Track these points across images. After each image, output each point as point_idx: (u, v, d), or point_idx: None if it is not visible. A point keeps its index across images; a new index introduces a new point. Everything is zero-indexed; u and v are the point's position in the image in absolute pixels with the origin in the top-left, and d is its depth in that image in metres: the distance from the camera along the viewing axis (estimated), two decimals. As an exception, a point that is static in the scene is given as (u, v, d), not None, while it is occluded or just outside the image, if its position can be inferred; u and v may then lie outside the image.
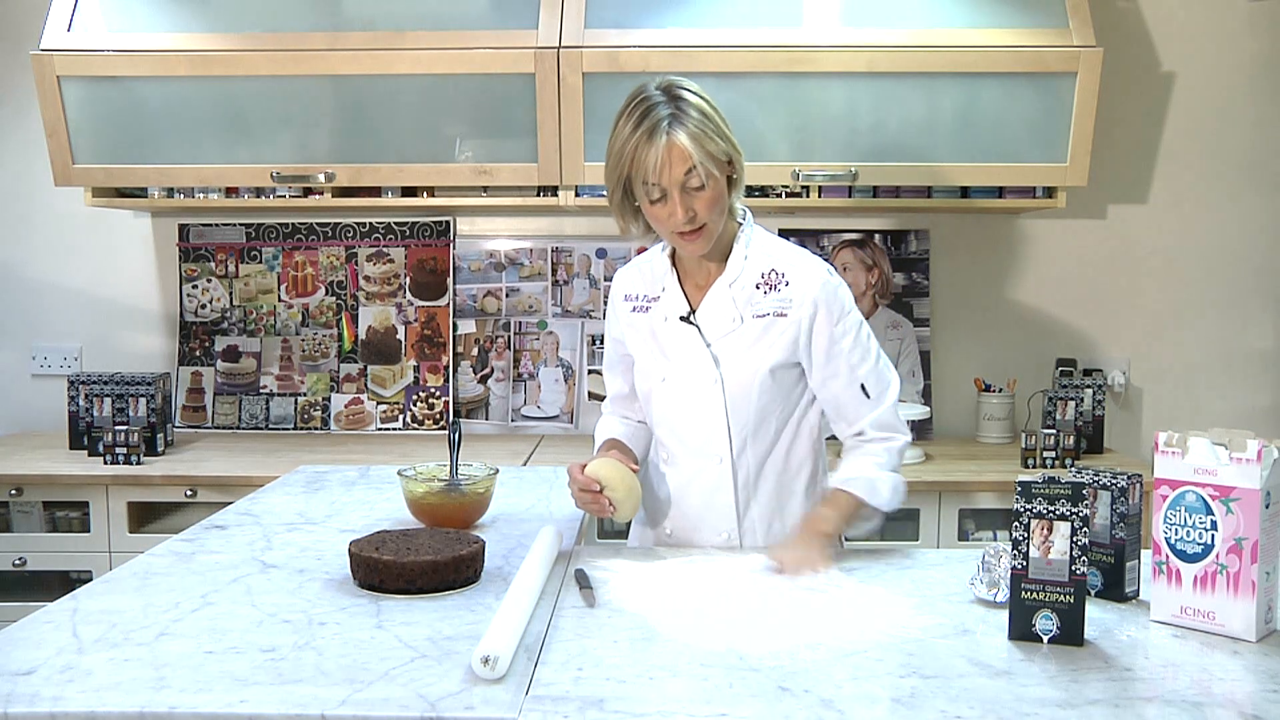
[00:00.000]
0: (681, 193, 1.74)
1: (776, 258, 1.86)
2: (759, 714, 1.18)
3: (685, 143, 1.71)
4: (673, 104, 1.73)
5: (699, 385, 1.85)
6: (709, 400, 1.85)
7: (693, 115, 1.73)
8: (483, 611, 1.48)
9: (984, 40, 2.87)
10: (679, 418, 1.89)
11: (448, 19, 2.95)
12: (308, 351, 3.41)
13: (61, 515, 2.94)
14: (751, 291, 1.85)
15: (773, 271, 1.85)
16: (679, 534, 1.93)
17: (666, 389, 1.88)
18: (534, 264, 3.40)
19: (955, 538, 2.79)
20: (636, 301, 1.94)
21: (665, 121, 1.71)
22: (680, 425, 1.89)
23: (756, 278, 1.85)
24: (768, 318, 1.83)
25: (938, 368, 3.36)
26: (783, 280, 1.84)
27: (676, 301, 1.88)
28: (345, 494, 2.20)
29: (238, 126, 2.97)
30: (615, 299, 1.98)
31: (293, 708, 1.17)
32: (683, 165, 1.72)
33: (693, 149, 1.71)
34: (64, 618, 1.44)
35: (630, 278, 1.97)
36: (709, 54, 2.83)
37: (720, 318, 1.85)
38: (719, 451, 1.87)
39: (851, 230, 3.34)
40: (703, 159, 1.72)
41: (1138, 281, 3.34)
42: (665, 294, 1.90)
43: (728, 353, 1.84)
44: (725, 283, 1.85)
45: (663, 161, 1.71)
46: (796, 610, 1.52)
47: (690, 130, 1.72)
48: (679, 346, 1.87)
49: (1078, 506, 1.36)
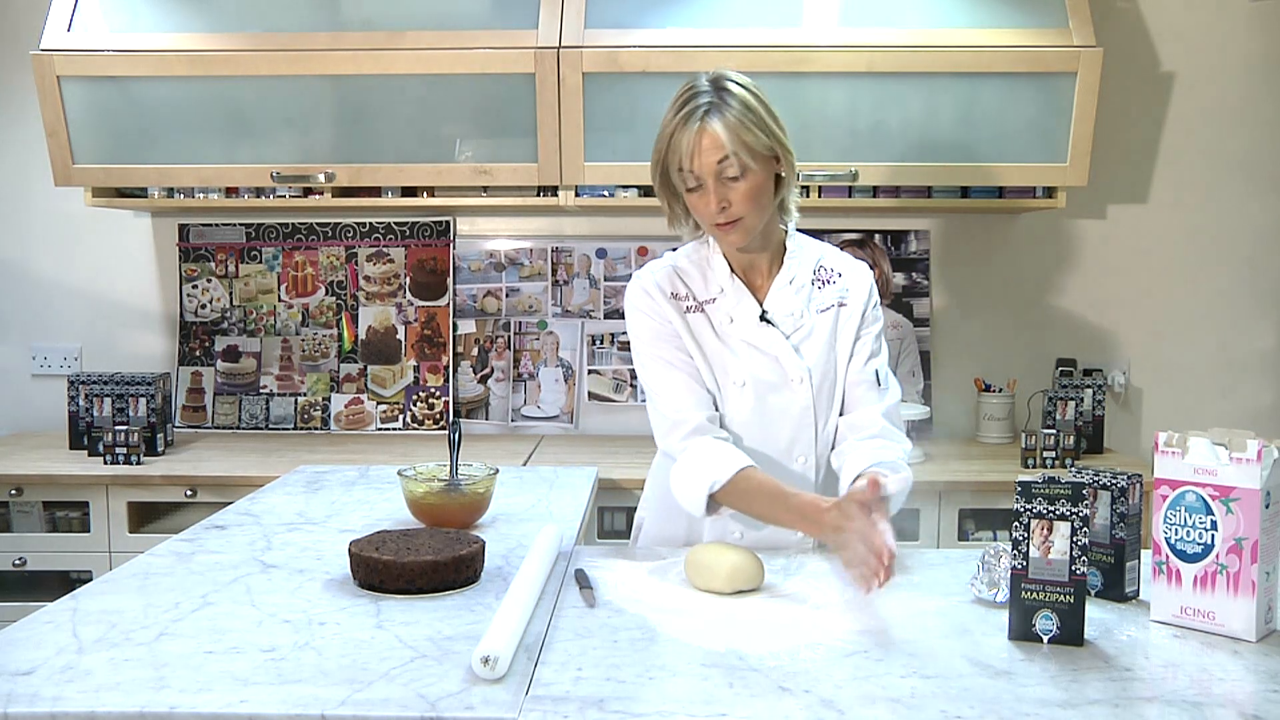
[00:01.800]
0: (717, 182, 1.72)
1: (823, 254, 1.91)
2: (759, 714, 1.18)
3: (719, 130, 1.70)
4: (716, 94, 1.73)
5: (784, 384, 1.82)
6: (797, 400, 1.82)
7: (733, 106, 1.72)
8: (483, 611, 1.48)
9: (984, 40, 2.87)
10: (763, 420, 1.82)
11: (447, 19, 2.95)
12: (308, 351, 3.41)
13: (61, 515, 2.94)
14: (810, 288, 1.86)
15: (823, 267, 1.88)
16: (752, 534, 1.84)
17: (746, 394, 1.82)
18: (534, 264, 3.40)
19: (955, 538, 2.79)
20: (687, 300, 1.85)
21: (703, 109, 1.71)
22: (764, 428, 1.82)
23: (810, 274, 1.87)
24: (831, 310, 1.86)
25: (938, 368, 3.36)
26: (835, 274, 1.88)
27: (746, 302, 1.83)
28: (345, 494, 2.20)
29: (238, 126, 2.97)
30: (656, 298, 1.84)
31: (293, 708, 1.17)
32: (716, 153, 1.70)
33: (727, 137, 1.70)
34: (64, 618, 1.44)
35: (671, 276, 1.86)
36: (709, 54, 2.83)
37: (789, 313, 1.83)
38: (804, 451, 1.84)
39: (851, 230, 3.34)
40: (737, 148, 1.70)
41: (1138, 281, 3.34)
42: (725, 295, 1.84)
43: (808, 348, 1.83)
44: (786, 280, 1.84)
45: (695, 148, 1.71)
46: (796, 610, 1.52)
47: (727, 119, 1.71)
48: (756, 348, 1.82)
49: (1078, 506, 1.36)
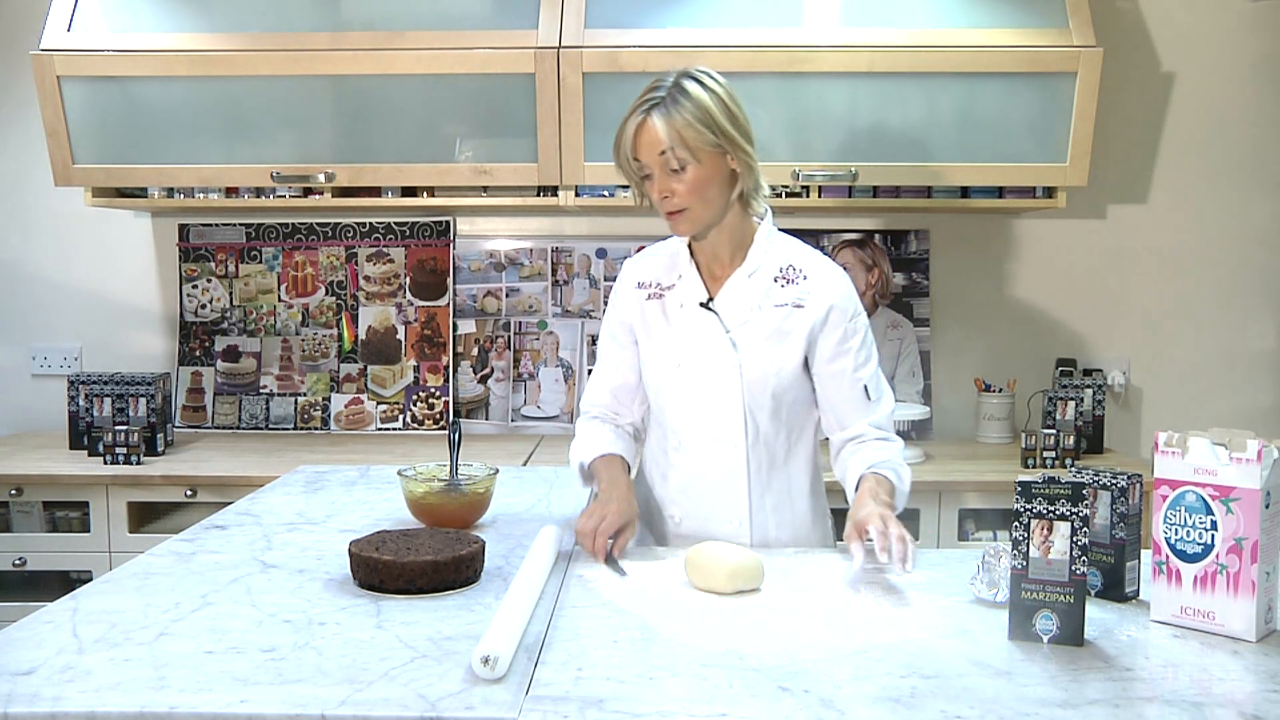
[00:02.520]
0: (662, 173, 1.79)
1: (795, 255, 1.91)
2: (759, 714, 1.18)
3: (658, 124, 1.77)
4: (672, 90, 1.79)
5: (717, 371, 1.86)
6: (727, 386, 1.86)
7: (684, 103, 1.77)
8: (482, 611, 1.48)
9: (984, 40, 2.87)
10: (695, 403, 1.89)
11: (448, 19, 2.95)
12: (308, 351, 3.41)
13: (61, 515, 2.94)
14: (770, 284, 1.88)
15: (790, 267, 1.89)
16: (689, 522, 1.93)
17: (682, 375, 1.89)
18: (534, 264, 3.40)
19: (955, 538, 2.79)
20: (650, 288, 1.94)
21: (650, 103, 1.78)
22: (696, 411, 1.89)
23: (775, 271, 1.89)
24: (786, 308, 1.87)
25: (938, 368, 3.36)
26: (801, 275, 1.89)
27: (695, 288, 1.90)
28: (345, 494, 2.20)
29: (238, 126, 2.98)
30: (626, 284, 1.97)
31: (293, 708, 1.17)
32: (655, 147, 1.78)
33: (664, 132, 1.76)
34: (64, 618, 1.44)
35: (644, 265, 1.98)
36: (709, 54, 2.83)
37: (739, 306, 1.87)
38: (734, 437, 1.88)
39: (851, 230, 3.34)
40: (674, 143, 1.76)
41: (1138, 281, 3.34)
42: (682, 281, 1.91)
43: (746, 340, 1.86)
44: (745, 273, 1.88)
45: (635, 140, 1.79)
46: (796, 610, 1.52)
47: (670, 115, 1.76)
48: (696, 333, 1.88)
49: (1078, 506, 1.36)
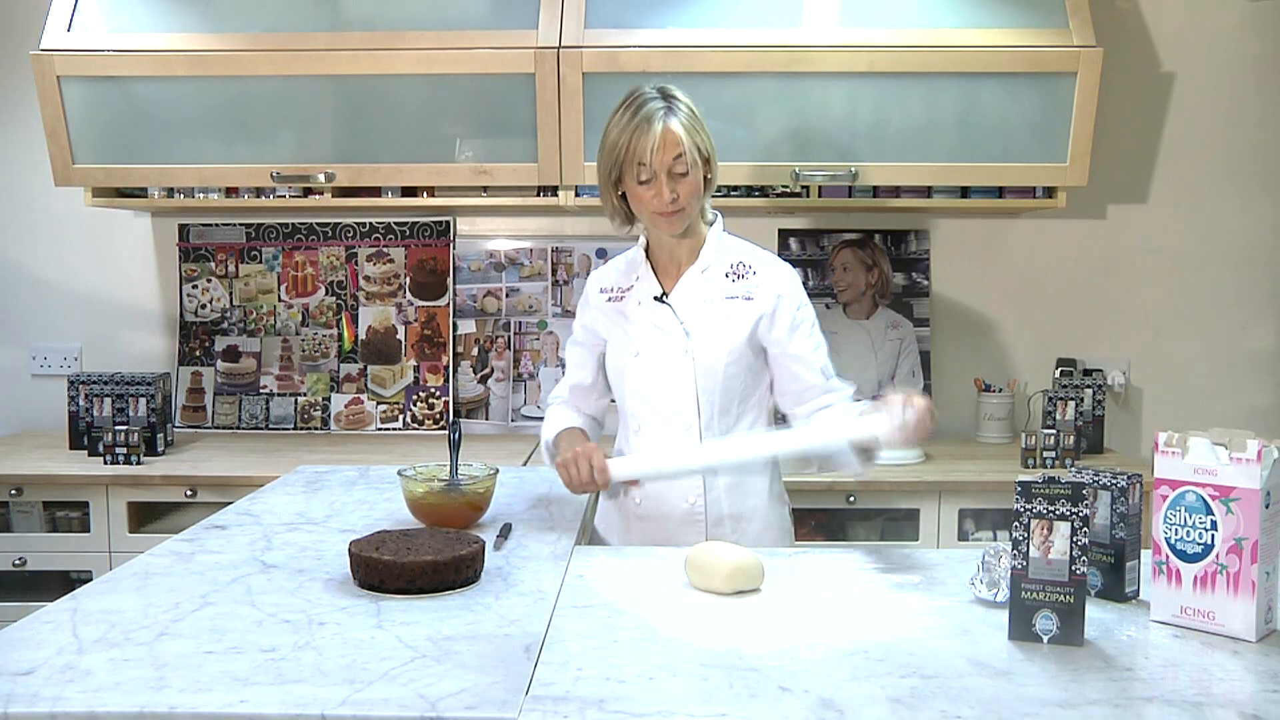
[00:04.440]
0: (668, 177, 1.94)
1: (745, 253, 2.07)
2: (759, 714, 1.18)
3: (679, 130, 1.93)
4: (666, 101, 1.96)
5: (671, 357, 2.01)
6: (680, 371, 2.00)
7: (684, 110, 1.97)
8: (482, 611, 1.48)
9: (984, 40, 2.87)
10: (650, 388, 2.03)
11: (448, 19, 2.95)
12: (308, 351, 3.41)
13: (61, 515, 2.94)
14: (721, 280, 2.03)
15: (741, 264, 2.05)
16: (647, 503, 2.04)
17: (639, 363, 2.03)
18: (534, 264, 3.40)
19: (955, 538, 2.78)
20: (611, 293, 2.11)
21: (661, 112, 1.94)
22: (651, 395, 2.03)
23: (726, 268, 2.04)
24: (736, 300, 2.02)
25: (938, 368, 3.36)
26: (750, 270, 2.05)
27: (651, 285, 2.06)
28: (345, 494, 2.20)
29: (238, 126, 2.97)
30: (591, 293, 2.15)
31: (293, 708, 1.17)
32: (673, 150, 1.93)
33: (685, 137, 1.94)
34: (64, 618, 1.44)
35: (605, 274, 2.16)
36: (709, 54, 2.84)
37: (692, 299, 2.02)
38: (687, 420, 2.01)
39: (851, 230, 3.34)
40: (691, 147, 1.94)
41: (1138, 281, 3.34)
42: (639, 281, 2.07)
43: (698, 329, 2.00)
44: (698, 269, 2.04)
45: (658, 145, 1.92)
46: (796, 610, 1.52)
47: (682, 122, 1.95)
48: (652, 324, 2.03)
49: (1078, 506, 1.36)
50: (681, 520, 2.02)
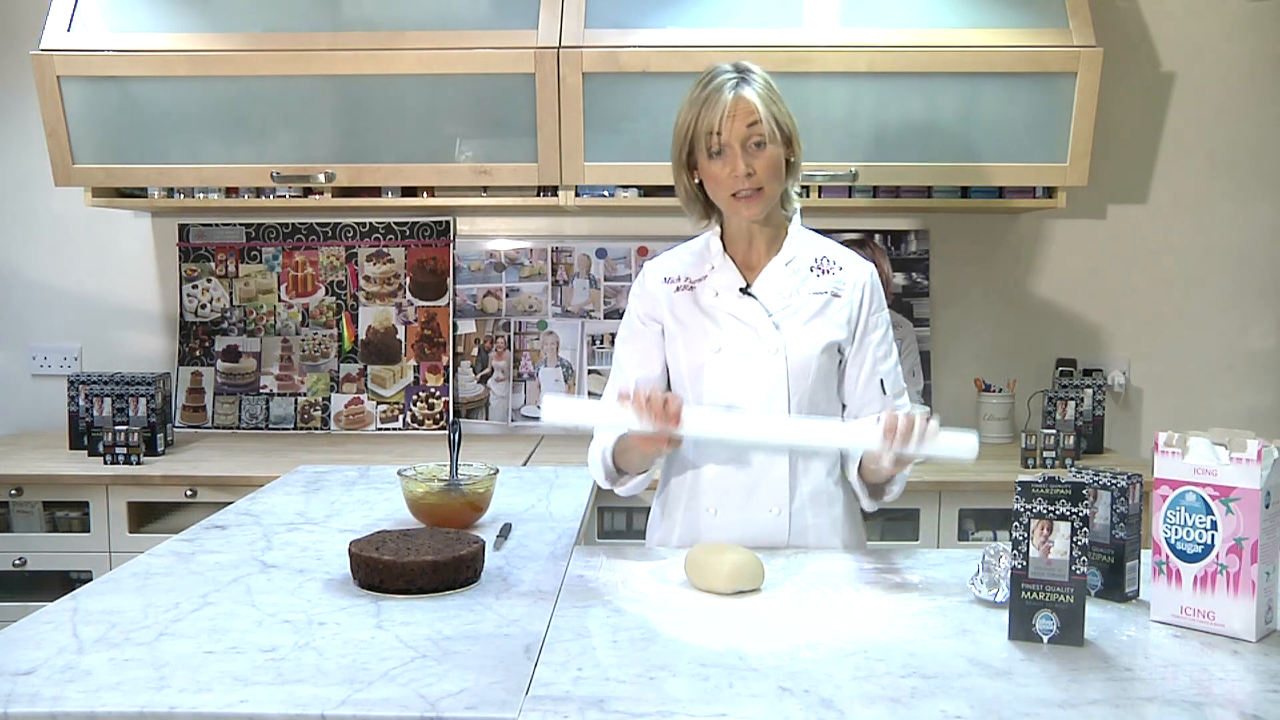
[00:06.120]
0: (743, 149, 1.79)
1: (827, 249, 1.95)
2: (759, 714, 1.18)
3: (752, 97, 1.79)
4: (739, 73, 1.82)
5: (760, 354, 1.86)
6: (770, 369, 1.86)
7: (759, 81, 1.82)
8: (482, 611, 1.48)
9: (984, 40, 2.87)
10: (736, 387, 1.86)
11: (448, 19, 2.95)
12: (308, 351, 3.41)
13: (61, 515, 2.94)
14: (806, 273, 1.91)
15: (825, 258, 1.93)
16: (725, 512, 1.88)
17: (722, 359, 1.87)
18: (534, 264, 3.40)
19: (955, 538, 2.79)
20: (679, 282, 1.94)
21: (734, 81, 1.81)
22: (737, 395, 1.86)
23: (810, 261, 1.92)
24: (824, 295, 1.90)
25: (938, 368, 3.36)
26: (835, 266, 1.93)
27: (731, 276, 1.91)
28: (345, 494, 2.20)
29: (238, 126, 2.97)
30: (651, 281, 1.96)
31: (293, 708, 1.17)
32: (747, 118, 1.79)
33: (760, 104, 1.79)
34: (64, 618, 1.44)
35: (667, 263, 1.98)
36: (709, 54, 2.81)
37: (778, 292, 1.89)
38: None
39: (851, 230, 3.34)
40: (768, 118, 1.79)
41: (1138, 281, 3.34)
42: (715, 272, 1.92)
43: (788, 323, 1.87)
44: (782, 261, 1.90)
45: (729, 112, 1.78)
46: (796, 610, 1.52)
47: (758, 90, 1.80)
48: (735, 318, 1.88)
49: (1078, 506, 1.36)
50: (761, 529, 1.86)
